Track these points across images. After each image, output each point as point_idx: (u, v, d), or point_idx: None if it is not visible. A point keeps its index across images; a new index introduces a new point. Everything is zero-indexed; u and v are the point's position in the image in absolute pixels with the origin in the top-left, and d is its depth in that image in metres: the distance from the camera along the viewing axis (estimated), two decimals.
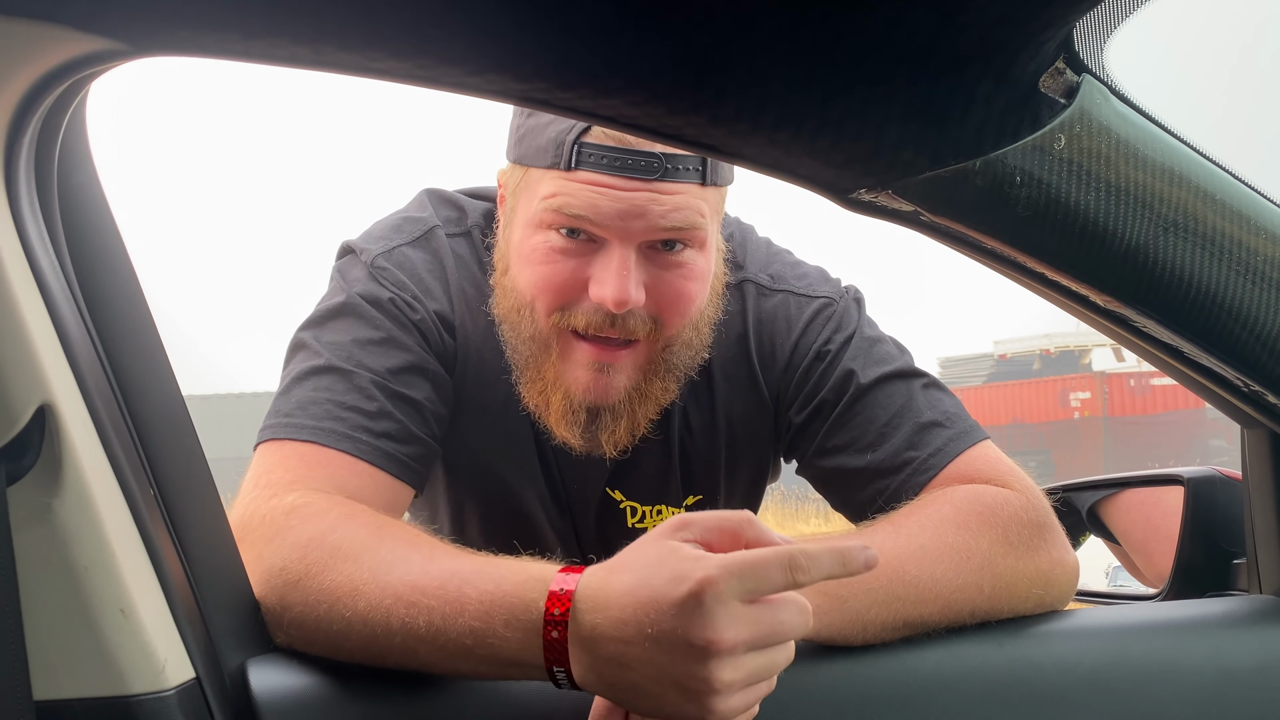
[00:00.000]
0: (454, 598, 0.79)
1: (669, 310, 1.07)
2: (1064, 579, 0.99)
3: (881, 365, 1.13)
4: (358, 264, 1.13)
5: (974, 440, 1.08)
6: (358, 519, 0.88)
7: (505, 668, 0.78)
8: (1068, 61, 0.67)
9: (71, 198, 0.73)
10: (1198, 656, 0.93)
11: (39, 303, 0.67)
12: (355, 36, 0.59)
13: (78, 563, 0.67)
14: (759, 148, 0.67)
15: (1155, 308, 0.78)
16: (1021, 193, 0.69)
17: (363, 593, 0.81)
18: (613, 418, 1.09)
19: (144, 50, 0.62)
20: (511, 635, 0.76)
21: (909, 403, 1.11)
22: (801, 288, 1.20)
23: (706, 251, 1.09)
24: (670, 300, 1.07)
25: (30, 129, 0.66)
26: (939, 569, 0.91)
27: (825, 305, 1.18)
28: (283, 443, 0.99)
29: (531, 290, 1.07)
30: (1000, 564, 0.94)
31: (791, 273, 1.22)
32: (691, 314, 1.10)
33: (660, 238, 1.04)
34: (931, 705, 0.87)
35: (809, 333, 1.17)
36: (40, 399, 0.66)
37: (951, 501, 0.99)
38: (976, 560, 0.93)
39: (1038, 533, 0.99)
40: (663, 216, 1.02)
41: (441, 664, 0.79)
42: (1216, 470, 1.18)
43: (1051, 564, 0.98)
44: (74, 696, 0.68)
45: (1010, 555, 0.95)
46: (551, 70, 0.62)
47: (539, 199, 1.05)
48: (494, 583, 0.79)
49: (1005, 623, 0.95)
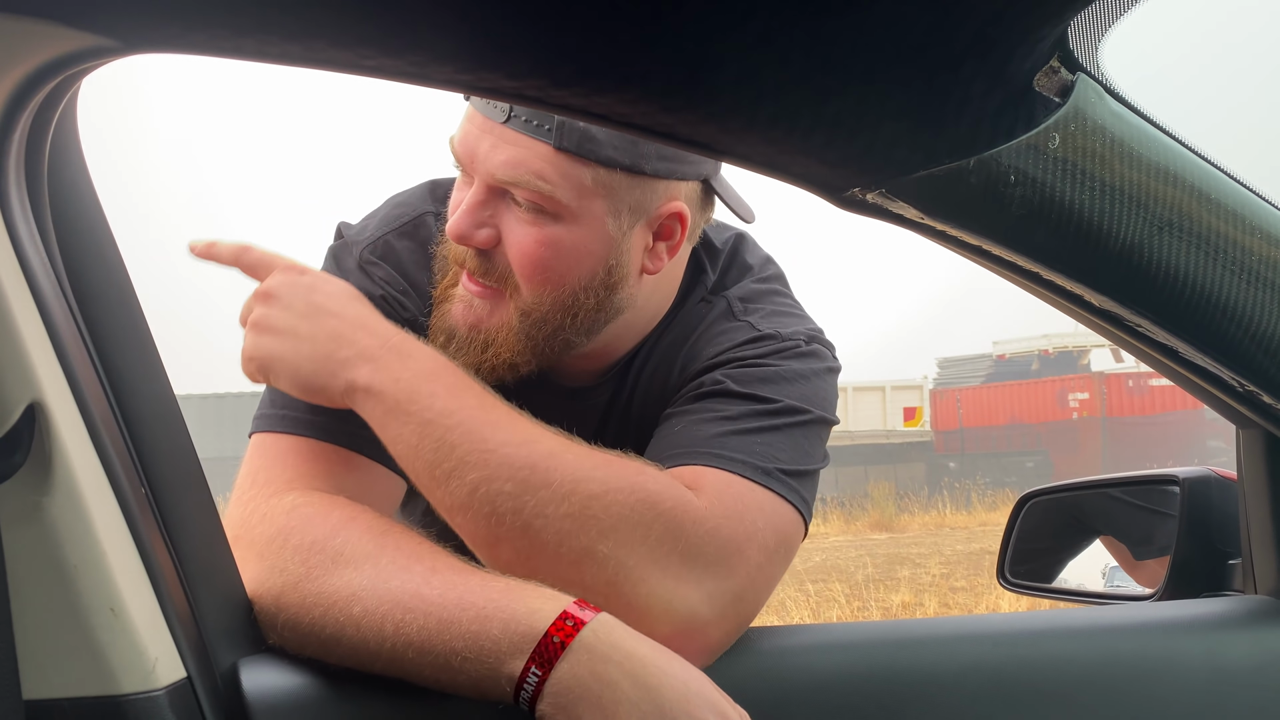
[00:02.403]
0: (454, 603, 0.80)
1: (519, 268, 1.03)
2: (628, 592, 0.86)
3: (764, 384, 1.03)
4: (349, 255, 1.12)
5: (734, 468, 0.95)
6: (360, 523, 0.88)
7: (479, 681, 0.78)
8: (1062, 60, 0.67)
9: (62, 194, 0.73)
10: (1193, 656, 0.93)
11: (29, 300, 0.67)
12: (347, 33, 0.59)
13: (68, 561, 0.67)
14: (752, 146, 0.67)
15: (1150, 307, 0.78)
16: (1016, 192, 0.69)
17: (360, 598, 0.81)
18: (468, 346, 1.05)
19: (134, 47, 0.61)
20: (504, 638, 0.77)
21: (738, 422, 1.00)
22: (761, 324, 1.11)
23: (576, 226, 1.02)
24: (516, 256, 1.03)
25: (20, 125, 0.65)
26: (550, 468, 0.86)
27: (765, 336, 1.09)
28: (279, 436, 0.99)
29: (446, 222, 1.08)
30: (605, 521, 0.86)
31: (767, 308, 1.14)
32: (549, 284, 1.03)
33: (500, 186, 1.02)
34: (927, 704, 0.87)
35: (724, 347, 1.09)
36: (30, 397, 0.65)
37: (634, 468, 0.90)
38: (587, 497, 0.86)
39: (676, 543, 0.87)
40: (498, 166, 1.00)
41: (424, 672, 0.80)
42: (1212, 470, 1.17)
43: (645, 564, 0.86)
44: (64, 696, 0.67)
45: (628, 538, 0.86)
46: (544, 67, 0.61)
47: None
48: (501, 592, 0.81)
49: (1001, 622, 0.95)
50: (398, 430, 0.90)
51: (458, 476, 0.87)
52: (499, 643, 0.78)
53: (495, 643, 0.78)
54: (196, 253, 1.01)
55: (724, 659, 0.88)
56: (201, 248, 1.01)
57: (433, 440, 0.88)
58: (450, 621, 0.79)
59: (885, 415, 26.14)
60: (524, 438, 0.89)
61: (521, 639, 0.78)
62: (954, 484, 19.24)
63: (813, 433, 1.04)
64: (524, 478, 0.86)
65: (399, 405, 0.90)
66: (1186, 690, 0.91)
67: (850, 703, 0.87)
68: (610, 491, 0.87)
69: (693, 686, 0.79)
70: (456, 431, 0.88)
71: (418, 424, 0.89)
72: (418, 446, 0.89)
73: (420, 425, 0.89)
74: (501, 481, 0.86)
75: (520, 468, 0.87)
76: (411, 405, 0.90)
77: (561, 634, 0.78)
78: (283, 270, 0.99)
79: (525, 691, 0.78)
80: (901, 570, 10.02)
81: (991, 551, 10.67)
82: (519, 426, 0.90)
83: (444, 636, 0.79)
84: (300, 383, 0.95)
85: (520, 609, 0.79)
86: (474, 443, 0.88)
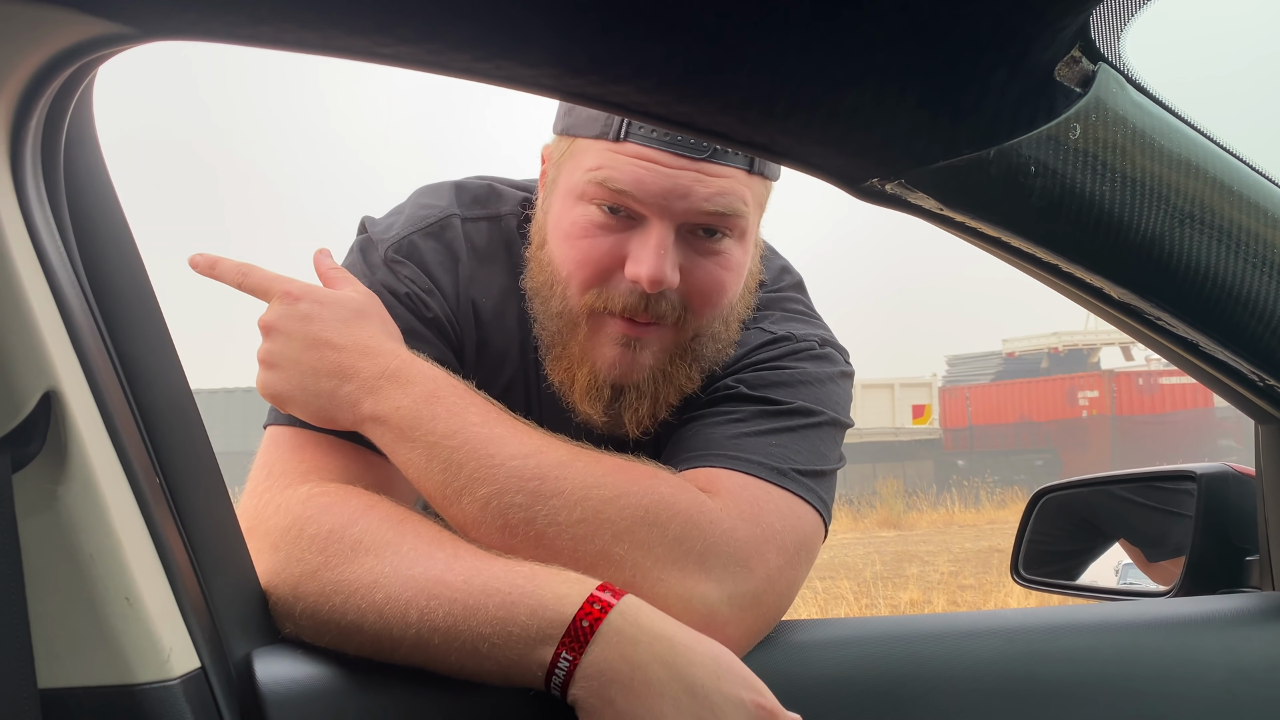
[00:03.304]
0: (479, 589, 0.80)
1: (700, 299, 1.04)
2: None
3: (780, 387, 1.05)
4: (375, 251, 1.11)
5: (750, 469, 0.96)
6: (378, 511, 0.88)
7: (507, 668, 0.79)
8: (1084, 50, 0.66)
9: (78, 183, 0.73)
10: (1209, 653, 0.92)
11: (45, 289, 0.67)
12: (363, 21, 0.59)
13: (83, 550, 0.67)
14: (770, 136, 0.66)
15: (1170, 301, 0.77)
16: (1036, 183, 0.68)
17: (382, 585, 0.81)
18: (637, 395, 1.06)
19: (151, 34, 0.61)
20: (532, 624, 0.78)
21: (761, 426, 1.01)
22: (773, 327, 1.14)
23: (745, 244, 1.07)
24: (703, 288, 1.04)
25: (37, 113, 0.65)
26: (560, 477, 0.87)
27: (779, 339, 1.12)
28: (295, 430, 0.99)
29: (567, 266, 1.05)
30: (618, 524, 0.86)
31: (778, 313, 1.17)
32: (723, 306, 1.06)
33: (701, 221, 1.02)
34: (942, 700, 0.87)
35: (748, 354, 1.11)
36: (46, 385, 0.65)
37: (646, 472, 0.91)
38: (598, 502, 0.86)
39: (693, 544, 0.87)
40: (706, 199, 1.00)
41: (450, 659, 0.80)
42: (1230, 466, 1.17)
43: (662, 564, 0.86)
44: (79, 685, 0.67)
45: (644, 539, 0.86)
46: (561, 55, 0.61)
47: (583, 170, 1.03)
48: (526, 578, 0.81)
49: (1017, 617, 0.94)
50: (406, 455, 0.91)
51: (468, 493, 0.88)
52: (527, 629, 0.78)
53: (523, 629, 0.78)
54: (199, 269, 1.00)
55: None
56: (204, 265, 1.00)
57: (440, 461, 0.89)
58: (476, 608, 0.79)
59: (894, 412, 26.10)
60: (531, 449, 0.89)
61: (550, 624, 0.78)
62: (962, 482, 19.21)
63: (828, 434, 1.05)
64: (534, 488, 0.87)
65: (404, 432, 0.91)
66: (1203, 686, 0.91)
67: (866, 696, 0.86)
68: (623, 495, 0.87)
69: (723, 663, 0.79)
70: (462, 451, 0.89)
71: (424, 447, 0.90)
72: (426, 469, 0.90)
73: (426, 449, 0.89)
74: (511, 494, 0.87)
75: (530, 479, 0.87)
76: (415, 431, 0.90)
77: (589, 618, 0.78)
78: (279, 299, 0.97)
79: (556, 677, 0.78)
80: (910, 568, 10.01)
81: (1000, 550, 10.65)
82: (526, 439, 0.90)
83: (470, 623, 0.79)
84: (311, 416, 0.96)
85: (547, 594, 0.79)
86: (480, 460, 0.88)
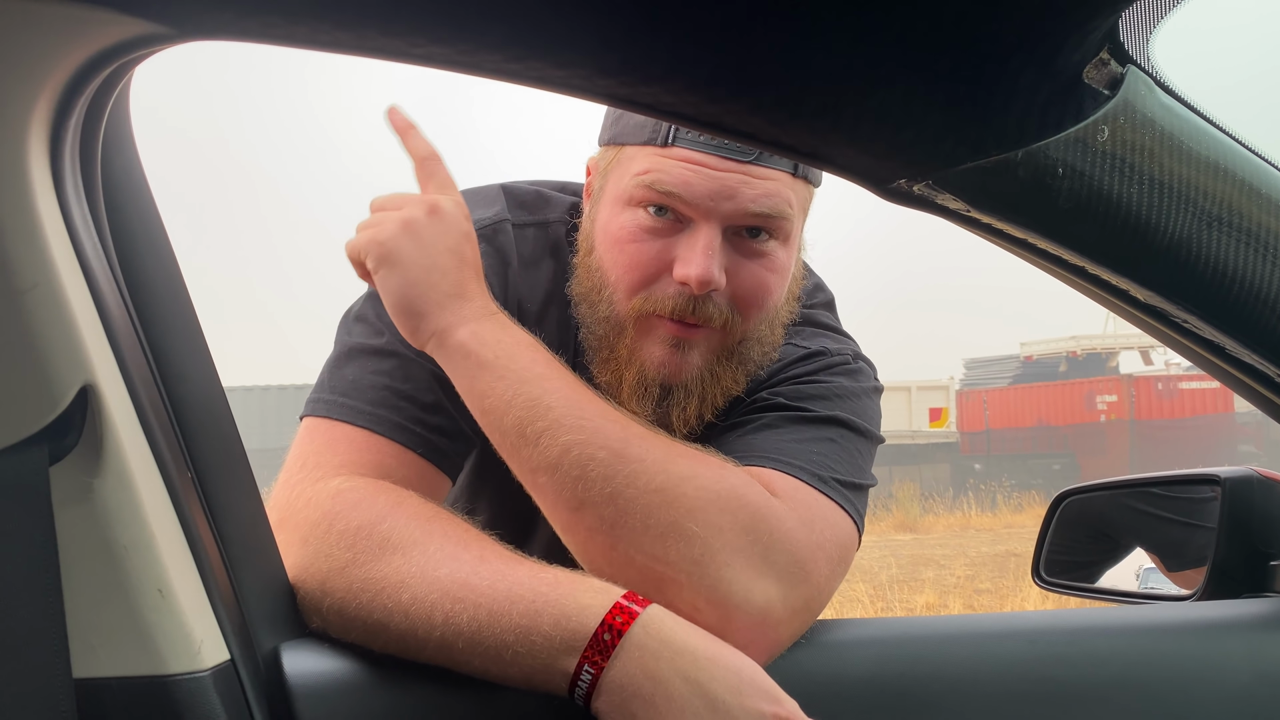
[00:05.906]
0: (504, 596, 0.80)
1: (747, 301, 1.05)
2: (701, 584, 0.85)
3: (816, 400, 1.06)
4: None
5: (799, 474, 0.96)
6: (407, 508, 0.88)
7: (531, 675, 0.79)
8: (1112, 52, 0.66)
9: (115, 181, 0.74)
10: (1233, 658, 0.92)
11: (83, 285, 0.68)
12: (398, 21, 0.59)
13: (118, 542, 0.68)
14: (797, 136, 0.67)
15: (1197, 303, 0.77)
16: (1063, 185, 0.68)
17: (408, 585, 0.82)
18: (685, 395, 1.07)
19: (188, 34, 0.62)
20: (555, 634, 0.78)
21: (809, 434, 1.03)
22: (807, 342, 1.16)
23: (789, 246, 1.08)
24: (749, 290, 1.05)
25: (76, 113, 0.66)
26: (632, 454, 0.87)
27: (814, 353, 1.14)
28: (333, 423, 0.99)
29: (615, 271, 1.06)
30: (691, 524, 0.85)
31: (808, 329, 1.18)
32: (768, 308, 1.07)
33: (748, 223, 1.03)
34: (963, 701, 0.87)
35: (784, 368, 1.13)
36: (82, 380, 0.66)
37: (716, 462, 0.91)
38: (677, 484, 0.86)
39: (759, 537, 0.87)
40: (753, 200, 1.01)
41: (473, 663, 0.80)
42: (1254, 470, 1.16)
43: (727, 564, 0.86)
44: (112, 675, 0.68)
45: (716, 521, 0.86)
46: (591, 57, 0.62)
47: (631, 175, 1.04)
48: (551, 585, 0.81)
49: (1038, 619, 0.94)
50: (490, 384, 0.90)
51: (550, 436, 0.87)
52: (550, 639, 0.78)
53: (546, 638, 0.78)
54: (395, 124, 1.01)
55: None
56: (402, 124, 1.01)
57: (527, 398, 0.88)
58: (500, 614, 0.79)
59: (911, 415, 25.99)
60: (617, 416, 0.90)
61: (573, 635, 0.78)
62: (979, 485, 19.10)
63: (864, 447, 1.06)
64: (619, 448, 0.86)
65: (496, 361, 0.90)
66: (1226, 691, 0.90)
67: (887, 697, 0.86)
68: (699, 476, 0.88)
69: (745, 675, 0.79)
70: (553, 395, 0.89)
71: (513, 381, 0.89)
72: (510, 401, 0.89)
73: (516, 383, 0.89)
74: (595, 448, 0.86)
75: (615, 438, 0.87)
76: (510, 363, 0.90)
77: (612, 631, 0.78)
78: (456, 204, 0.98)
79: (580, 688, 0.78)
80: (926, 571, 9.97)
81: (1017, 554, 10.59)
82: (610, 407, 0.91)
83: (494, 629, 0.79)
84: (405, 292, 0.94)
85: (570, 605, 0.79)
86: (570, 407, 0.88)
